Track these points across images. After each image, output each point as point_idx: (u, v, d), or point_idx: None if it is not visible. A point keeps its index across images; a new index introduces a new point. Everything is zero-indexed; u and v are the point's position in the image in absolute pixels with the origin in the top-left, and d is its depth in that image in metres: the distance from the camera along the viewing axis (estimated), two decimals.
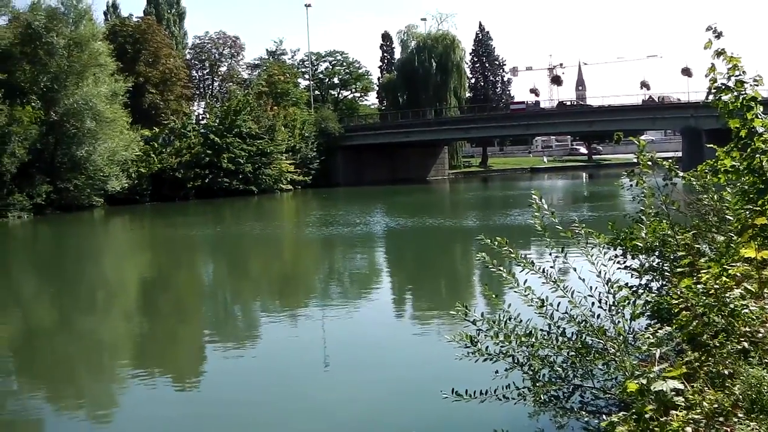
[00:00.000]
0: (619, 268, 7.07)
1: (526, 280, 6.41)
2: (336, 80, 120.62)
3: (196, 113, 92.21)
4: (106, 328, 18.76)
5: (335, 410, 10.79)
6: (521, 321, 6.31)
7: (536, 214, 6.68)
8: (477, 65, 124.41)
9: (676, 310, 5.55)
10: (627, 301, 6.45)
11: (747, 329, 5.04)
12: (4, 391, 13.23)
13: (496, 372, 6.29)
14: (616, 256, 7.26)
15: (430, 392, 9.86)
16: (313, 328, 16.71)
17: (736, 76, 5.89)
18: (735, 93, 5.86)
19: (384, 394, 11.39)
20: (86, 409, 11.86)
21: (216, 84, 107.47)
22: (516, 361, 6.31)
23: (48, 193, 58.02)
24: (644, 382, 4.07)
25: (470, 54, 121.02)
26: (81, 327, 18.89)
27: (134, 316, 20.32)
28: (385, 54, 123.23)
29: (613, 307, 6.46)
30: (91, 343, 17.00)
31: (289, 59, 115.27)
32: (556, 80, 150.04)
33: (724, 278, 5.34)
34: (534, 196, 6.68)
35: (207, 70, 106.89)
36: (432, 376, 11.48)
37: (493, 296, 7.05)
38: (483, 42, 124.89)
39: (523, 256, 6.55)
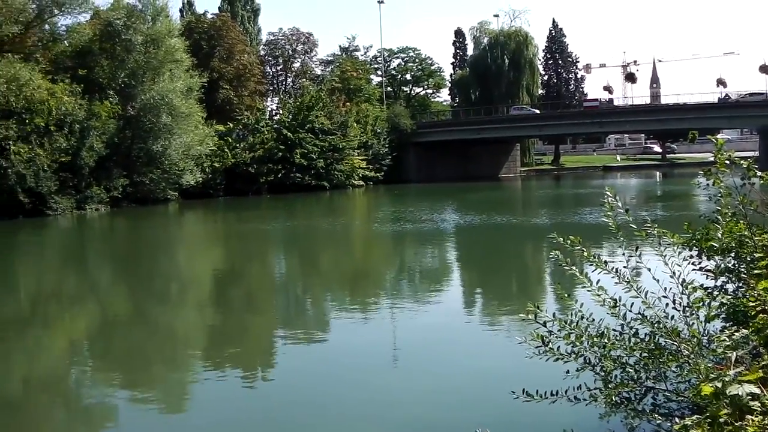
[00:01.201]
0: (693, 269, 6.85)
1: (598, 280, 6.26)
2: (408, 77, 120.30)
3: (269, 109, 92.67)
4: (179, 320, 18.97)
5: (403, 407, 10.70)
6: (593, 321, 6.20)
7: (609, 212, 6.50)
8: (550, 62, 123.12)
9: (752, 313, 5.43)
10: (702, 303, 6.24)
11: None
12: (81, 379, 13.48)
13: (567, 372, 6.17)
14: (691, 256, 7.06)
15: (498, 391, 9.79)
16: (382, 324, 16.65)
17: None
18: None
19: (452, 391, 11.22)
20: (158, 399, 11.96)
21: (289, 80, 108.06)
22: (587, 361, 6.21)
23: (124, 187, 59.11)
24: (719, 385, 3.96)
25: (543, 50, 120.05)
26: (155, 317, 19.10)
27: (207, 308, 20.43)
28: (458, 50, 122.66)
29: (687, 309, 6.26)
30: (165, 333, 17.22)
31: (361, 55, 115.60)
32: (630, 77, 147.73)
33: None
34: (608, 193, 6.50)
35: (280, 66, 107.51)
36: (501, 374, 11.43)
37: (565, 295, 6.81)
38: (556, 38, 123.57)
39: (595, 255, 6.41)
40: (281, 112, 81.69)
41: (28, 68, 51.28)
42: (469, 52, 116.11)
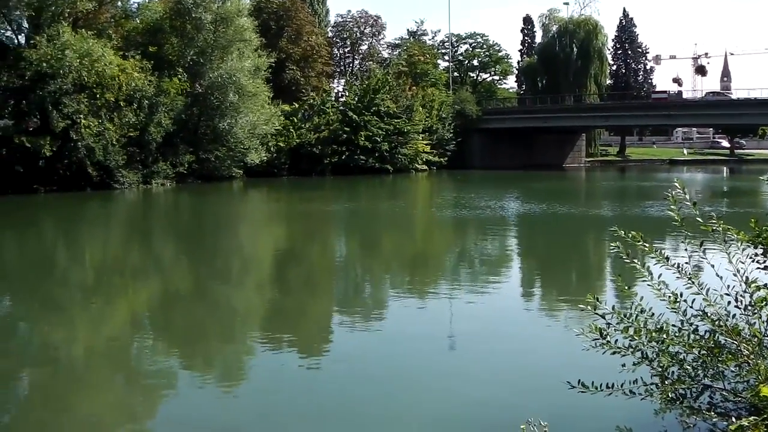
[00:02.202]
0: (758, 268, 6.62)
1: (660, 275, 6.21)
2: (475, 62, 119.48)
3: (335, 90, 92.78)
4: (239, 297, 19.01)
5: (458, 393, 10.58)
6: (652, 315, 6.15)
7: (674, 206, 6.38)
8: (619, 52, 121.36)
9: None
10: (765, 302, 6.09)
11: None
12: (141, 351, 13.57)
13: (623, 366, 6.11)
14: (756, 254, 6.76)
15: (552, 382, 9.71)
16: (440, 310, 16.46)
17: None
18: None
19: (506, 380, 11.14)
20: (215, 376, 12.01)
21: (356, 62, 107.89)
22: (645, 356, 6.14)
23: (190, 163, 59.69)
24: None
25: (612, 40, 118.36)
26: (215, 293, 19.15)
27: (266, 286, 20.52)
28: (526, 38, 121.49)
29: (749, 308, 6.18)
30: (224, 309, 17.22)
31: (429, 40, 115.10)
32: (701, 70, 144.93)
33: None
34: (676, 185, 6.38)
35: (348, 49, 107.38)
36: (555, 365, 11.28)
37: (625, 288, 6.74)
38: (626, 28, 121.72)
39: (656, 249, 6.30)
40: (347, 94, 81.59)
41: (101, 44, 51.82)
42: (538, 39, 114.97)
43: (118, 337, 14.66)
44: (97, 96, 51.71)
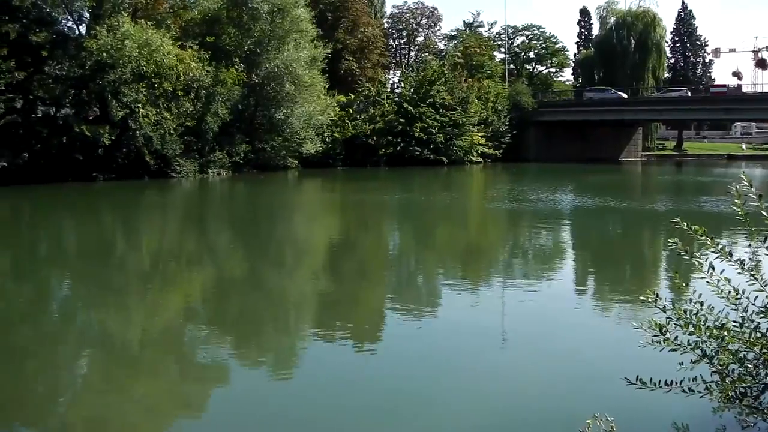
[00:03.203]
0: None
1: (723, 270, 5.98)
2: (531, 54, 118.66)
3: (391, 81, 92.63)
4: (292, 285, 18.99)
5: (510, 388, 10.48)
6: (712, 311, 5.95)
7: (737, 200, 6.03)
8: (677, 45, 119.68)
9: None
10: None
11: None
12: (194, 337, 13.62)
13: (681, 364, 5.90)
14: None
15: (607, 377, 10.03)
16: (492, 303, 16.26)
17: None
18: None
19: (560, 375, 10.91)
20: (267, 364, 12.01)
21: (412, 53, 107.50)
22: (704, 353, 5.93)
23: (246, 153, 59.91)
24: None
25: (671, 33, 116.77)
26: (269, 282, 19.20)
27: (319, 275, 20.50)
28: (583, 30, 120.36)
29: None
30: (277, 298, 17.25)
31: (485, 32, 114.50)
32: (761, 64, 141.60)
33: None
34: (742, 178, 5.98)
35: (404, 40, 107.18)
36: (610, 361, 11.23)
37: (683, 284, 6.40)
38: (685, 21, 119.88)
39: (717, 244, 6.00)
40: (403, 85, 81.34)
41: (160, 34, 52.21)
42: (595, 31, 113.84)
43: (173, 323, 14.77)
44: (156, 85, 52.19)
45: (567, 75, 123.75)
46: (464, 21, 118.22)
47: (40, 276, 20.09)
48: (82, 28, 55.39)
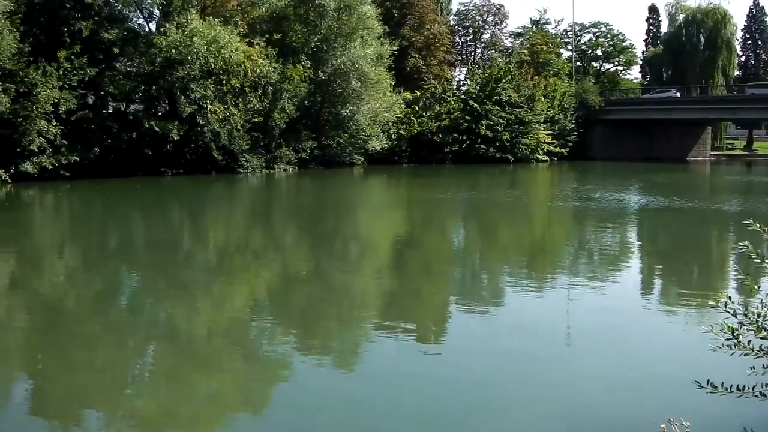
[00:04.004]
0: None
1: None
2: (599, 52, 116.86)
3: (457, 79, 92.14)
4: (356, 281, 18.80)
5: (576, 389, 10.05)
6: None
7: None
8: (748, 42, 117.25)
9: None
10: None
11: None
12: (259, 331, 13.58)
13: (752, 368, 5.69)
14: None
15: (674, 380, 9.94)
16: (557, 302, 15.77)
17: None
18: None
19: (625, 377, 10.49)
20: (331, 359, 11.83)
21: (478, 51, 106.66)
22: None
23: (312, 149, 60.04)
24: None
25: (742, 30, 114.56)
26: (333, 277, 18.98)
27: (384, 271, 20.30)
28: (651, 27, 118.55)
29: None
30: (342, 293, 17.04)
31: (552, 29, 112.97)
32: None
33: None
34: None
35: (470, 37, 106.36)
36: (677, 364, 10.86)
37: (755, 287, 6.19)
38: (756, 18, 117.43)
39: None
40: (469, 82, 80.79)
41: (227, 31, 52.43)
42: (663, 29, 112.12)
43: (239, 316, 14.68)
44: (224, 82, 52.50)
45: (635, 73, 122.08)
46: (531, 18, 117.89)
47: (109, 268, 20.24)
48: (152, 26, 56.24)
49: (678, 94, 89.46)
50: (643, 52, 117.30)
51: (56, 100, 44.93)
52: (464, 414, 9.22)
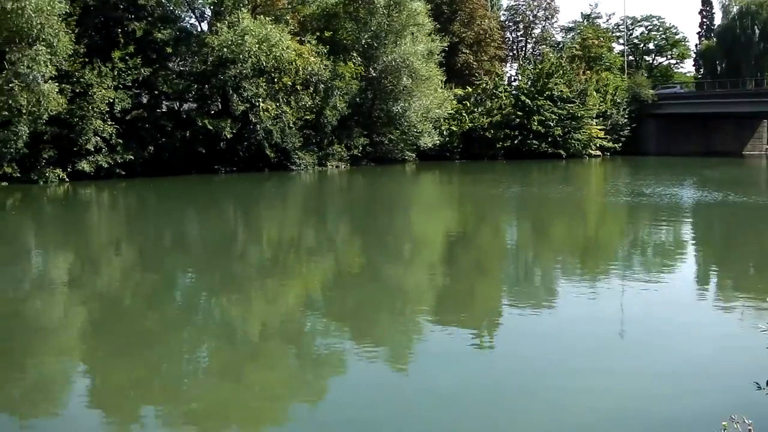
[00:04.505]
0: None
1: None
2: (651, 46, 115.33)
3: (508, 74, 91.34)
4: (408, 277, 18.53)
5: (631, 387, 9.72)
6: None
7: None
8: None
9: None
10: None
11: None
12: (313, 328, 13.47)
13: None
14: None
15: (729, 378, 9.68)
16: (610, 298, 15.29)
17: None
18: None
19: (681, 375, 10.20)
20: (384, 356, 11.61)
21: (529, 46, 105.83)
22: None
23: (364, 146, 60.08)
24: None
25: None
26: (385, 273, 18.76)
27: (436, 267, 19.99)
28: (704, 20, 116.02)
29: None
30: (394, 290, 16.83)
31: (603, 23, 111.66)
32: None
33: None
34: None
35: (521, 32, 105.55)
36: (732, 362, 10.55)
37: None
38: None
39: None
40: (520, 78, 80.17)
41: (278, 29, 52.40)
42: (717, 21, 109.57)
43: (292, 313, 14.58)
44: (275, 80, 52.71)
45: (688, 66, 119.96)
46: (582, 12, 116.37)
47: (165, 265, 20.25)
48: (204, 25, 56.46)
49: (682, 90, 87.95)
50: (696, 45, 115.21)
51: (111, 100, 45.38)
52: (517, 410, 9.11)
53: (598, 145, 78.55)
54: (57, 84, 42.21)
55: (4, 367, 10.92)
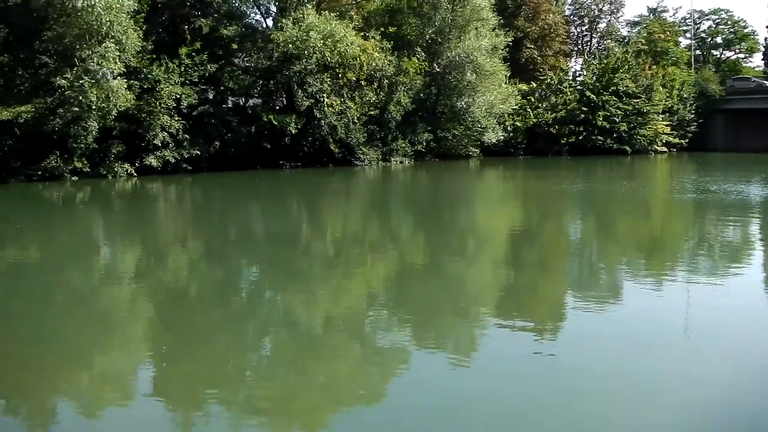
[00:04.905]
0: None
1: None
2: (719, 40, 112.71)
3: (572, 69, 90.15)
4: (471, 273, 18.15)
5: (696, 385, 9.45)
6: None
7: None
8: None
9: None
10: None
11: None
12: (375, 324, 13.27)
13: None
14: None
15: None
16: (676, 297, 14.66)
17: None
18: None
19: (751, 378, 9.78)
20: (446, 352, 11.38)
21: (594, 41, 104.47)
22: None
23: (428, 141, 59.97)
24: None
25: None
26: (448, 269, 18.43)
27: (499, 263, 19.55)
28: None
29: None
30: (457, 286, 16.51)
31: (670, 17, 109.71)
32: None
33: None
34: None
35: (585, 27, 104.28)
36: None
37: None
38: None
39: None
40: (585, 73, 79.07)
41: (343, 25, 52.29)
42: None
43: (356, 307, 14.41)
44: (340, 75, 52.67)
45: (757, 60, 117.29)
46: (648, 6, 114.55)
47: (230, 259, 20.20)
48: (269, 21, 56.69)
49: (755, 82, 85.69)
50: (765, 39, 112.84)
51: (178, 96, 45.70)
52: (575, 410, 8.84)
53: (663, 141, 77.18)
54: (125, 80, 42.64)
55: (73, 357, 11.17)
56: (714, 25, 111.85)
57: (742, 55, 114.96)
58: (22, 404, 9.42)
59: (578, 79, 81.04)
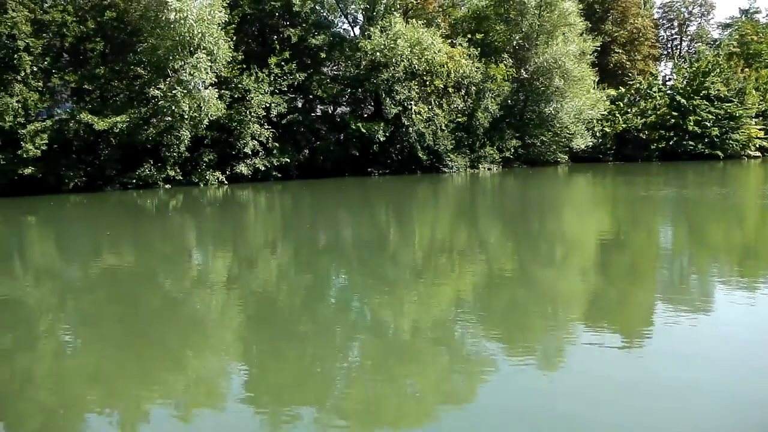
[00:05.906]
0: None
1: None
2: None
3: (662, 74, 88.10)
4: (560, 281, 17.60)
5: None
6: None
7: None
8: None
9: None
10: None
11: None
12: (462, 331, 12.98)
13: None
14: None
15: None
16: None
17: None
18: None
19: None
20: (534, 359, 11.16)
21: (684, 44, 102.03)
22: None
23: (516, 148, 59.32)
24: None
25: None
26: (537, 276, 17.95)
27: (588, 271, 18.85)
28: None
29: None
30: (545, 293, 16.06)
31: (763, 18, 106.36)
32: None
33: None
34: None
35: (675, 30, 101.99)
36: None
37: None
38: None
39: None
40: (675, 77, 77.05)
41: (430, 33, 52.12)
42: None
43: (443, 314, 14.12)
44: (427, 83, 52.52)
45: None
46: (740, 8, 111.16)
47: (319, 266, 20.00)
48: (357, 30, 56.72)
49: None
50: None
51: (268, 105, 46.04)
52: (665, 416, 8.62)
53: (757, 145, 74.35)
54: (217, 90, 43.08)
55: (165, 362, 11.46)
56: None
57: None
58: (117, 406, 9.60)
59: (668, 83, 79.11)
